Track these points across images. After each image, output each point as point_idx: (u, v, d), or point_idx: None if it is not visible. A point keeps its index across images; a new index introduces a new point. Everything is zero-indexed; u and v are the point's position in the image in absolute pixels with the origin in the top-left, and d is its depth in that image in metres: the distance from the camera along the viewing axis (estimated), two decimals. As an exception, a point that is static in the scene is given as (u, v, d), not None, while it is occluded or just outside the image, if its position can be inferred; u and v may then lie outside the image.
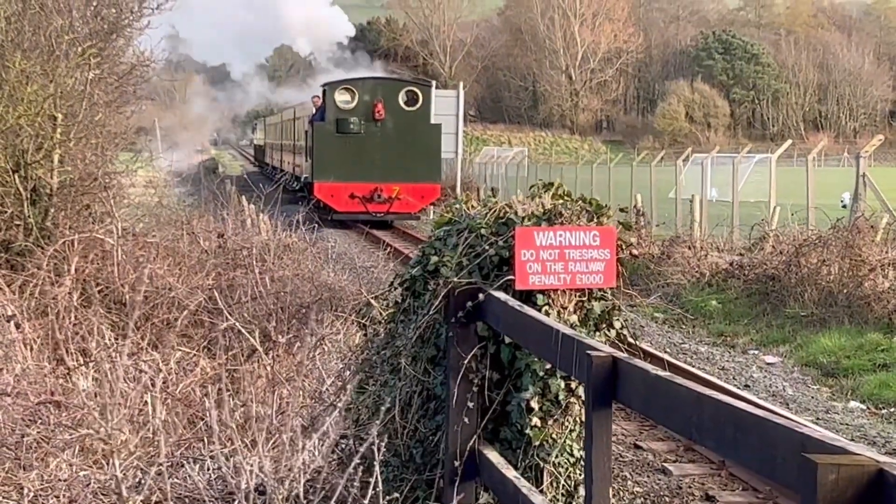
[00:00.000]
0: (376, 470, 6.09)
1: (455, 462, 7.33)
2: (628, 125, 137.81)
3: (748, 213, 26.95)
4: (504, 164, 55.58)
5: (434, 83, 43.21)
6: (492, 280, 7.48)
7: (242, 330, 10.37)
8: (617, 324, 7.51)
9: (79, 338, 10.44)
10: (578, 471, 7.25)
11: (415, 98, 39.19)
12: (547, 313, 7.12)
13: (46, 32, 13.92)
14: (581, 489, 7.19)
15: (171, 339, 10.72)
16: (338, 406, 7.76)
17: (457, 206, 8.26)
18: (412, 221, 39.59)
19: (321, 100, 40.09)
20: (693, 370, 14.59)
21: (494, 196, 8.77)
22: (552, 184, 7.99)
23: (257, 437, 6.98)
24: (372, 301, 9.71)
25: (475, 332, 7.36)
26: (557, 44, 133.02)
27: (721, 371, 15.74)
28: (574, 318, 7.30)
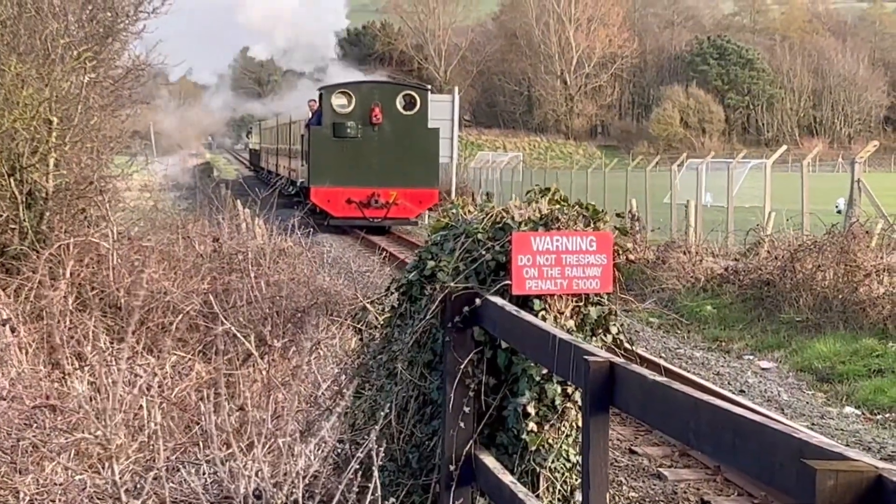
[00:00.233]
0: (375, 475, 6.09)
1: (451, 467, 7.32)
2: (623, 130, 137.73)
3: (743, 219, 26.96)
4: (499, 169, 55.53)
5: (429, 88, 43.04)
6: (488, 285, 7.47)
7: (238, 334, 10.38)
8: (613, 329, 7.50)
9: (74, 342, 10.44)
10: (575, 476, 7.25)
11: (412, 102, 38.77)
12: (544, 318, 7.11)
13: (42, 36, 13.92)
14: (577, 494, 7.19)
15: (167, 344, 10.71)
16: (335, 411, 7.75)
17: (453, 211, 8.26)
18: (408, 227, 39.36)
19: (318, 104, 39.67)
20: (689, 376, 14.60)
21: (490, 201, 8.77)
22: (549, 189, 7.99)
23: (254, 442, 6.97)
24: (368, 306, 9.71)
25: (472, 337, 7.35)
26: (552, 48, 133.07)
27: (716, 376, 15.74)
28: (571, 324, 7.30)
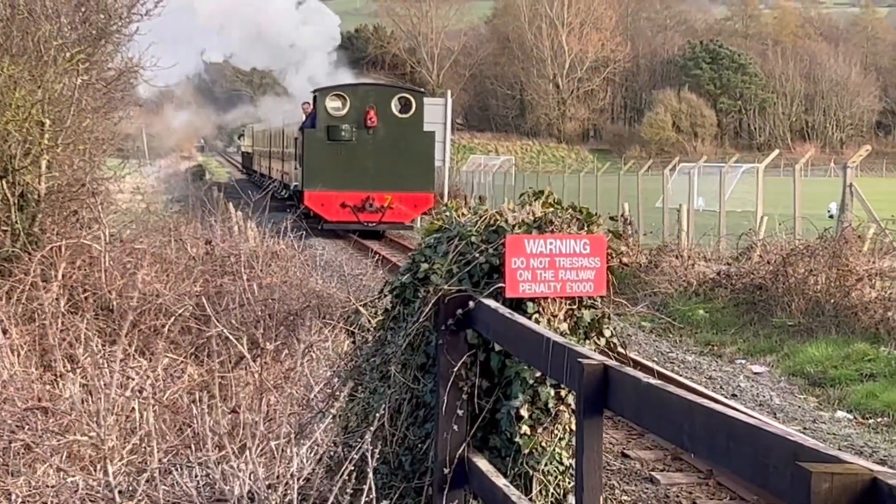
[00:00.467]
0: (370, 477, 6.08)
1: (444, 470, 7.31)
2: (615, 134, 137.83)
3: (735, 223, 26.99)
4: (491, 173, 55.62)
5: (424, 91, 42.84)
6: (482, 288, 7.46)
7: (230, 337, 10.36)
8: (607, 332, 7.50)
9: (66, 344, 10.42)
10: (568, 479, 7.25)
11: (408, 105, 38.41)
12: (537, 321, 7.11)
13: (35, 38, 13.90)
14: (570, 497, 7.19)
15: (159, 346, 10.69)
16: (330, 413, 7.74)
17: (447, 214, 8.25)
18: (402, 231, 39.09)
19: (311, 106, 39.37)
20: (682, 380, 14.60)
21: (483, 204, 8.76)
22: (542, 192, 7.98)
23: (247, 444, 6.97)
24: (361, 308, 9.69)
25: (465, 340, 7.34)
26: (545, 52, 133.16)
27: (708, 380, 15.74)
28: (564, 326, 7.29)
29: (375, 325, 8.66)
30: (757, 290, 20.04)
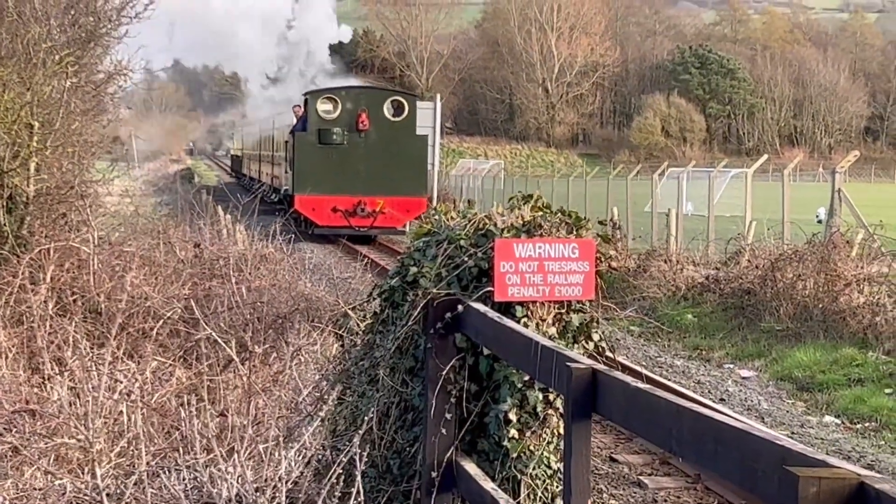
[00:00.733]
0: (358, 481, 6.07)
1: (432, 473, 7.31)
2: (604, 139, 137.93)
3: (724, 228, 27.01)
4: (480, 177, 55.60)
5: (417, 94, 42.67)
6: (471, 291, 7.47)
7: (219, 340, 10.35)
8: (595, 336, 7.50)
9: (54, 346, 10.39)
10: (556, 483, 7.25)
11: (401, 108, 37.96)
12: (526, 325, 7.11)
13: (24, 40, 13.88)
14: (558, 501, 7.19)
15: (148, 349, 10.68)
16: (319, 416, 7.74)
17: (436, 218, 8.25)
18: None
19: (302, 109, 38.86)
20: (670, 384, 14.61)
21: (472, 208, 8.77)
22: (531, 196, 7.98)
23: (235, 447, 6.96)
24: (349, 312, 9.70)
25: (454, 344, 7.34)
26: (534, 57, 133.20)
27: (696, 385, 15.76)
28: (553, 330, 7.30)
29: (364, 329, 8.66)
30: (745, 295, 20.06)
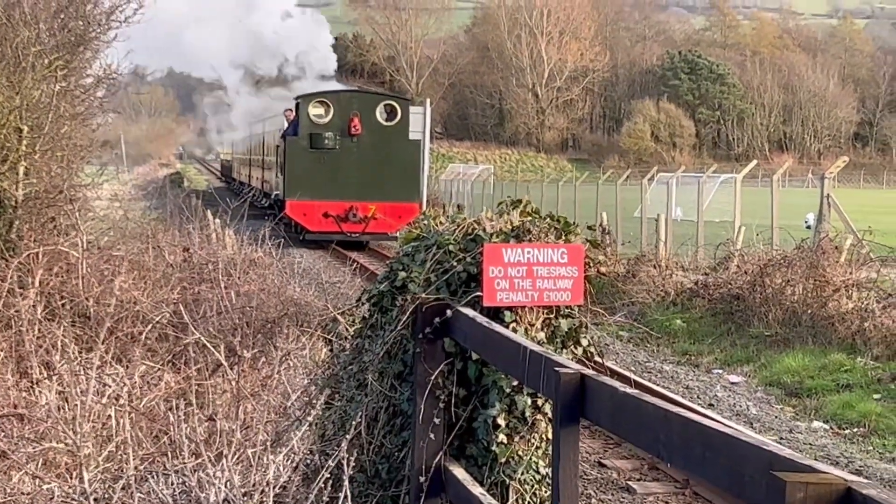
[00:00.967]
0: (346, 485, 6.07)
1: (421, 478, 7.31)
2: (594, 144, 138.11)
3: (713, 233, 27.05)
4: (470, 182, 55.56)
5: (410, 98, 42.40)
6: (459, 296, 7.47)
7: (208, 344, 10.34)
8: (584, 341, 7.51)
9: (43, 351, 10.38)
10: (544, 488, 7.25)
11: (393, 113, 37.66)
12: (514, 330, 7.11)
13: (13, 44, 13.86)
14: (547, 506, 7.19)
15: (136, 353, 10.67)
16: (307, 420, 7.73)
17: (425, 222, 8.25)
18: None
19: (294, 113, 38.46)
20: (659, 389, 14.62)
21: (461, 213, 8.77)
22: (520, 201, 7.99)
23: (223, 452, 6.95)
24: (338, 316, 9.69)
25: (442, 349, 7.34)
26: (524, 62, 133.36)
27: (685, 390, 15.77)
28: (541, 335, 7.30)
29: (353, 334, 8.65)
30: (734, 301, 20.08)
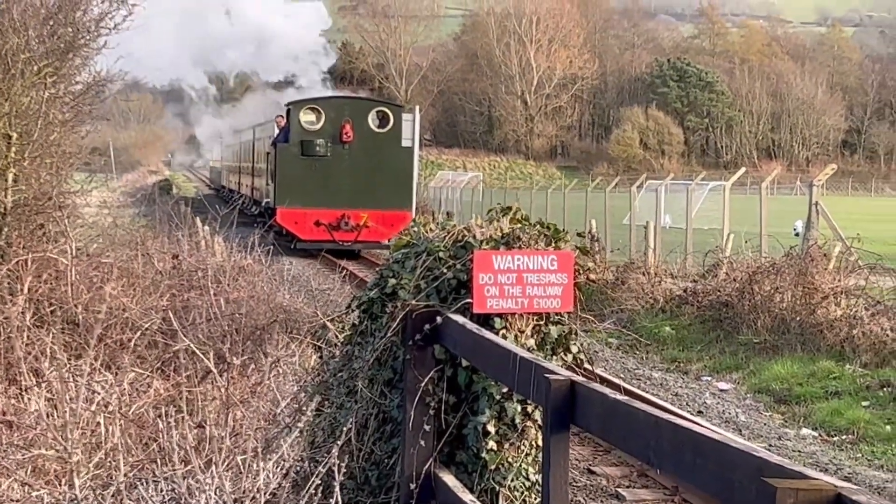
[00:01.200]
0: (336, 492, 6.07)
1: (411, 485, 7.31)
2: (583, 151, 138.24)
3: (702, 240, 27.07)
4: (459, 189, 55.59)
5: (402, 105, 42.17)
6: (449, 303, 7.47)
7: (197, 351, 10.33)
8: (574, 348, 7.52)
9: (32, 358, 10.36)
10: (534, 494, 7.25)
11: (385, 119, 37.14)
12: (504, 337, 7.12)
13: (2, 51, 13.84)
14: (536, 513, 7.19)
15: (126, 360, 10.65)
16: (297, 427, 7.73)
17: (415, 229, 8.26)
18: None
19: (285, 120, 37.98)
20: (649, 396, 14.63)
21: (450, 220, 8.78)
22: (510, 208, 8.00)
23: (213, 459, 6.95)
24: (328, 323, 9.69)
25: (432, 356, 7.35)
26: (513, 69, 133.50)
27: (674, 397, 15.78)
28: (531, 342, 7.31)
29: (343, 340, 8.65)
30: (723, 308, 20.10)
